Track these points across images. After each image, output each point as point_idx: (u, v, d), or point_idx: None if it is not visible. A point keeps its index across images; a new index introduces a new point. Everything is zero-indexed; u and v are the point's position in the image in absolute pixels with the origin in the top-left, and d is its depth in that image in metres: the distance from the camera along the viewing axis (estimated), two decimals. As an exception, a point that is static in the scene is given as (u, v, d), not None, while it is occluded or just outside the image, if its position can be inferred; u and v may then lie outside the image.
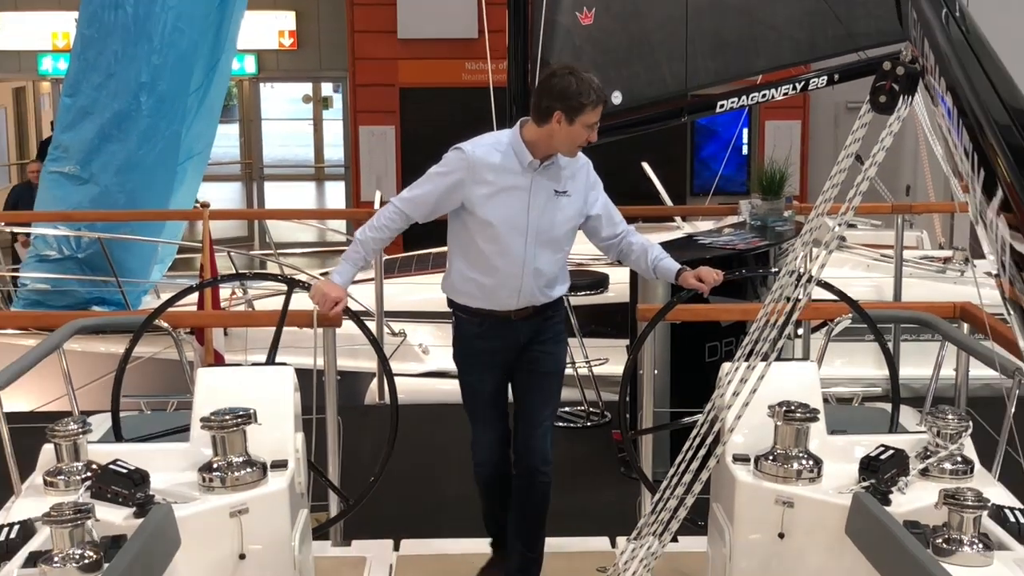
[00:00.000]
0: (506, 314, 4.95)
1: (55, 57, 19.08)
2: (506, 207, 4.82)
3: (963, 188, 2.47)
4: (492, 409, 5.14)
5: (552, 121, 4.73)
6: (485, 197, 4.82)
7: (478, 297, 4.96)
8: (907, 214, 9.92)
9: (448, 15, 16.65)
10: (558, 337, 5.15)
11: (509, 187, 4.82)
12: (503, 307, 4.94)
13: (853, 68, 7.78)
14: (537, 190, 4.84)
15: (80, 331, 5.65)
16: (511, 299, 4.92)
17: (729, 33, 7.79)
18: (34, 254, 10.32)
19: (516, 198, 4.83)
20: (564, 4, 7.43)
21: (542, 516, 5.16)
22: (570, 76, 4.72)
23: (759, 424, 4.28)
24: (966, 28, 2.68)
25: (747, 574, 4.27)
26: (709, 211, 10.75)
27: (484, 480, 5.27)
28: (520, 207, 4.83)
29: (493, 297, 4.93)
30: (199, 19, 10.40)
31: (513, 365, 5.08)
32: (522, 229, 4.84)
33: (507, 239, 4.84)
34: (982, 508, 3.53)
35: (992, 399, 5.89)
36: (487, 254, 4.87)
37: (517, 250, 4.84)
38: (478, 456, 5.20)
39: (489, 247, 4.86)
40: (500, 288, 4.90)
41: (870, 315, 5.18)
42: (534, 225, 4.85)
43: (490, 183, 4.81)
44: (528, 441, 5.07)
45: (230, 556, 4.16)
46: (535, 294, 4.94)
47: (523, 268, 4.86)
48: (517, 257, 4.85)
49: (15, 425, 4.60)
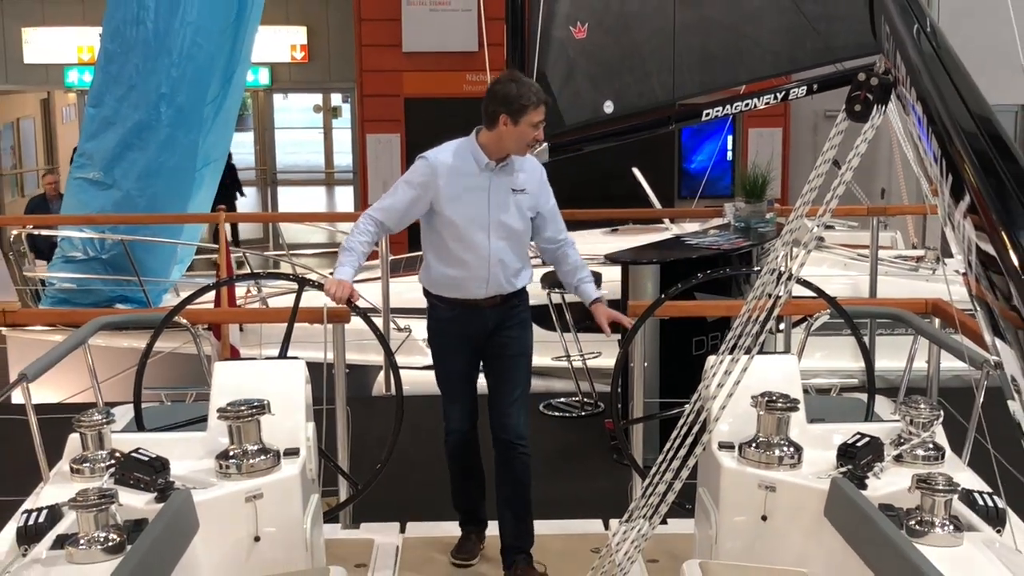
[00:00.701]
0: (475, 302, 5.16)
1: (80, 70, 19.05)
2: (468, 206, 5.05)
3: (933, 192, 2.47)
4: (462, 385, 5.34)
5: (499, 124, 4.98)
6: (448, 198, 5.05)
7: (451, 288, 5.17)
8: (882, 216, 9.92)
9: (450, 30, 16.64)
10: (524, 324, 5.31)
11: (470, 188, 5.04)
12: (473, 296, 5.15)
13: (831, 79, 7.78)
14: (496, 189, 5.07)
15: (104, 327, 5.66)
16: (480, 289, 5.13)
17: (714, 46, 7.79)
18: (61, 255, 10.32)
19: (477, 197, 5.05)
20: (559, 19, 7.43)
21: (526, 486, 5.31)
22: (511, 82, 5.00)
23: (743, 413, 4.29)
24: (936, 42, 2.69)
25: (732, 554, 4.27)
26: (695, 213, 10.76)
27: (452, 447, 5.44)
28: (481, 205, 5.04)
29: (464, 288, 5.14)
30: (216, 34, 10.41)
31: (483, 351, 5.27)
32: (484, 225, 5.05)
33: (471, 235, 5.06)
34: (952, 492, 3.54)
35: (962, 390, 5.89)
36: (455, 250, 5.09)
37: (481, 245, 5.06)
38: (449, 425, 5.39)
39: (456, 244, 5.08)
40: (470, 280, 5.11)
41: (847, 311, 5.19)
42: (495, 221, 5.06)
43: (452, 185, 5.04)
44: (503, 420, 5.25)
45: (245, 538, 4.16)
46: (502, 284, 5.15)
47: (488, 261, 5.08)
48: (482, 251, 5.08)
49: (43, 416, 4.60)
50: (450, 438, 5.42)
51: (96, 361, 5.53)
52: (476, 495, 5.55)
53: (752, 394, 4.27)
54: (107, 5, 10.36)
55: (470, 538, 5.52)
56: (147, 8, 10.11)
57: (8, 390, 4.69)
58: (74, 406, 6.84)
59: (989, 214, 2.07)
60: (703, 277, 5.49)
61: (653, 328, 6.74)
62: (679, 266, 7.17)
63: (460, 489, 5.55)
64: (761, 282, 3.66)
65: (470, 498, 5.54)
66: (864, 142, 3.20)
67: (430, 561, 5.40)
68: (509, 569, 5.30)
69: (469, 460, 5.47)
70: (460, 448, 5.43)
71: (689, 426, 3.82)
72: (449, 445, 5.44)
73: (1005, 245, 2.00)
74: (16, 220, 12.35)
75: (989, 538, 3.59)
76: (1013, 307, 1.97)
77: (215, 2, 10.34)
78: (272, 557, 4.20)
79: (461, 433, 5.39)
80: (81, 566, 3.37)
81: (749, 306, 3.68)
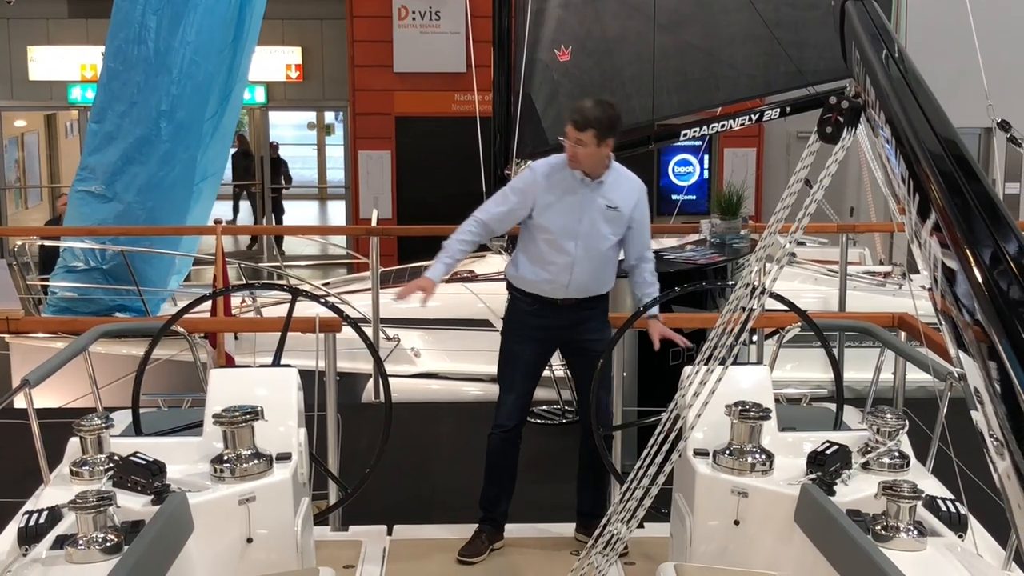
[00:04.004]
0: (553, 300, 5.31)
1: (83, 87, 19.00)
2: (562, 215, 5.21)
3: (900, 211, 2.48)
4: (522, 375, 5.41)
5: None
6: (544, 207, 5.22)
7: (533, 285, 5.32)
8: (851, 233, 9.94)
9: (439, 51, 16.66)
10: (604, 322, 5.45)
11: (566, 199, 5.20)
12: (552, 296, 5.30)
13: (803, 102, 7.82)
14: (588, 203, 5.20)
15: (104, 335, 5.63)
16: (559, 292, 5.28)
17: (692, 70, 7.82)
18: (63, 265, 10.28)
19: (571, 208, 5.20)
20: (544, 42, 7.46)
21: (601, 466, 5.44)
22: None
23: (717, 422, 4.29)
24: (904, 67, 2.70)
25: (705, 557, 4.26)
26: (673, 229, 10.76)
27: (493, 443, 5.48)
28: (574, 216, 5.19)
29: (545, 288, 5.29)
30: (214, 53, 10.41)
31: (564, 348, 5.47)
32: (573, 235, 5.20)
33: (561, 243, 5.21)
34: (917, 498, 3.54)
35: (926, 400, 5.90)
36: (545, 254, 5.24)
37: (569, 252, 5.21)
38: (497, 419, 5.45)
39: (547, 248, 5.24)
40: (552, 282, 5.26)
41: (817, 324, 5.19)
42: (584, 232, 5.19)
43: (550, 195, 5.21)
44: (587, 410, 5.39)
45: (239, 540, 4.14)
46: (580, 290, 5.29)
47: (572, 269, 5.23)
48: (568, 258, 5.22)
49: (45, 420, 4.56)
50: (494, 432, 5.45)
51: (96, 368, 5.50)
52: (501, 496, 5.52)
53: (726, 403, 4.26)
54: (110, 25, 10.35)
55: (480, 537, 5.46)
56: (148, 28, 10.11)
57: (11, 395, 4.67)
58: (74, 411, 6.82)
59: (954, 232, 2.08)
60: (680, 290, 5.51)
61: (632, 339, 6.74)
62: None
63: (487, 486, 5.54)
64: (736, 296, 3.67)
65: (494, 498, 5.51)
66: (835, 163, 3.21)
67: (416, 562, 5.37)
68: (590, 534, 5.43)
69: (505, 460, 5.48)
70: (500, 446, 5.45)
71: (666, 434, 3.82)
72: (491, 440, 5.47)
73: (969, 262, 2.00)
74: (20, 231, 12.30)
75: (951, 543, 3.60)
76: (976, 321, 1.97)
77: (214, 23, 10.34)
78: (264, 558, 4.18)
79: (505, 430, 5.42)
80: (80, 566, 3.35)
81: (724, 319, 3.69)
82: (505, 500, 5.53)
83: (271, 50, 18.44)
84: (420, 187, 16.52)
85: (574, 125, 5.08)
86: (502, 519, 5.54)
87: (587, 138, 5.06)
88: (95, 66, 17.83)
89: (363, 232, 10.84)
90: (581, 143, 5.08)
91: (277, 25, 18.22)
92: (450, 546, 5.46)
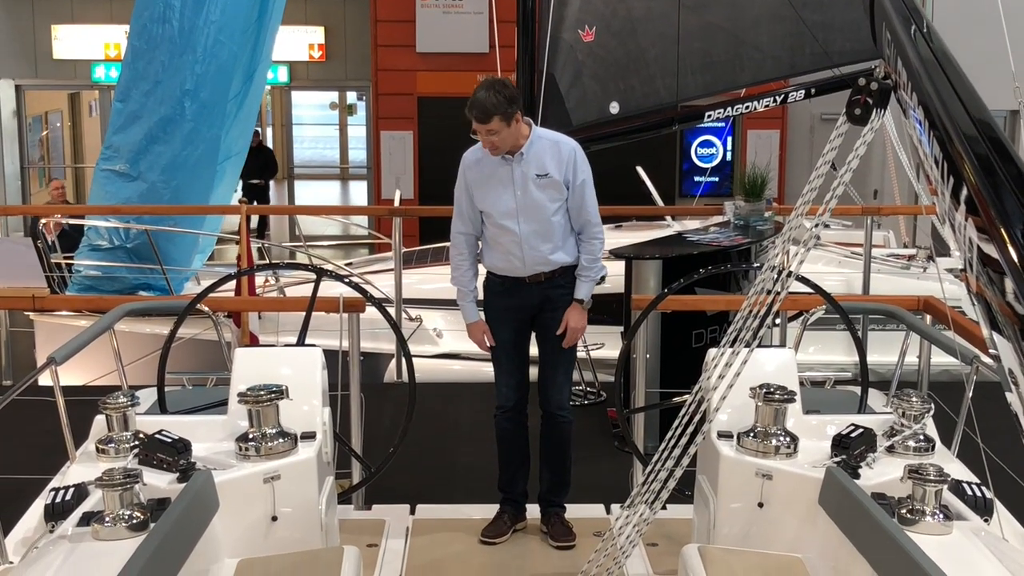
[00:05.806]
0: (520, 279, 5.26)
1: (107, 66, 19.03)
2: (496, 195, 5.19)
3: (932, 191, 2.45)
4: (510, 358, 5.38)
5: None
6: (478, 191, 5.23)
7: (497, 267, 5.32)
8: (875, 216, 9.88)
9: (462, 31, 16.63)
10: (568, 304, 5.30)
11: (495, 179, 5.18)
12: (517, 273, 5.25)
13: (828, 83, 7.76)
14: (519, 177, 5.15)
15: (129, 314, 5.65)
16: (520, 268, 5.23)
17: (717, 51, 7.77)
18: (87, 244, 10.33)
19: (502, 187, 5.18)
20: (568, 22, 7.41)
21: (564, 448, 5.43)
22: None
23: (741, 404, 4.27)
24: (933, 45, 2.66)
25: (729, 539, 4.26)
26: (697, 211, 10.73)
27: (500, 428, 5.48)
28: (507, 194, 5.16)
29: (507, 266, 5.26)
30: (238, 33, 10.41)
31: (533, 327, 5.37)
32: (511, 212, 5.17)
33: (503, 222, 5.18)
34: (943, 482, 3.52)
35: (951, 383, 5.89)
36: (494, 235, 5.24)
37: (513, 230, 5.17)
38: (498, 400, 5.44)
39: (494, 230, 5.23)
40: (510, 260, 5.23)
41: (842, 307, 5.17)
42: (522, 206, 5.15)
43: (479, 178, 5.21)
44: (546, 392, 5.38)
45: (263, 518, 4.16)
46: (539, 263, 5.22)
47: (521, 245, 5.18)
48: (515, 236, 5.17)
49: (70, 398, 4.59)
50: (498, 414, 5.45)
51: (121, 346, 5.53)
52: (516, 477, 5.51)
53: (750, 386, 4.25)
54: (135, 3, 10.35)
55: (502, 518, 5.46)
56: (173, 7, 10.11)
57: (36, 373, 4.69)
58: (100, 389, 6.87)
59: (989, 213, 2.06)
60: (704, 272, 5.48)
61: (655, 321, 6.73)
62: (681, 262, 7.16)
63: (502, 468, 5.54)
64: (761, 279, 3.65)
65: (510, 479, 5.51)
66: (864, 145, 3.19)
67: (439, 542, 5.39)
68: (544, 521, 5.43)
69: (513, 441, 5.47)
70: (506, 425, 5.44)
71: (690, 416, 3.81)
72: (496, 422, 5.47)
73: (1004, 243, 1.99)
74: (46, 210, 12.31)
75: (977, 527, 3.58)
76: (1011, 302, 1.95)
77: (238, 2, 10.34)
78: (288, 536, 4.19)
79: (505, 411, 5.41)
80: (106, 542, 3.36)
81: (750, 301, 3.67)
82: (522, 480, 5.52)
83: (294, 30, 18.43)
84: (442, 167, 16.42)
85: (478, 120, 5.03)
86: (522, 499, 5.53)
87: (496, 126, 5.01)
88: (119, 45, 17.88)
89: (386, 212, 10.84)
90: (493, 132, 5.03)
91: (300, 5, 18.22)
92: (473, 526, 5.47)
